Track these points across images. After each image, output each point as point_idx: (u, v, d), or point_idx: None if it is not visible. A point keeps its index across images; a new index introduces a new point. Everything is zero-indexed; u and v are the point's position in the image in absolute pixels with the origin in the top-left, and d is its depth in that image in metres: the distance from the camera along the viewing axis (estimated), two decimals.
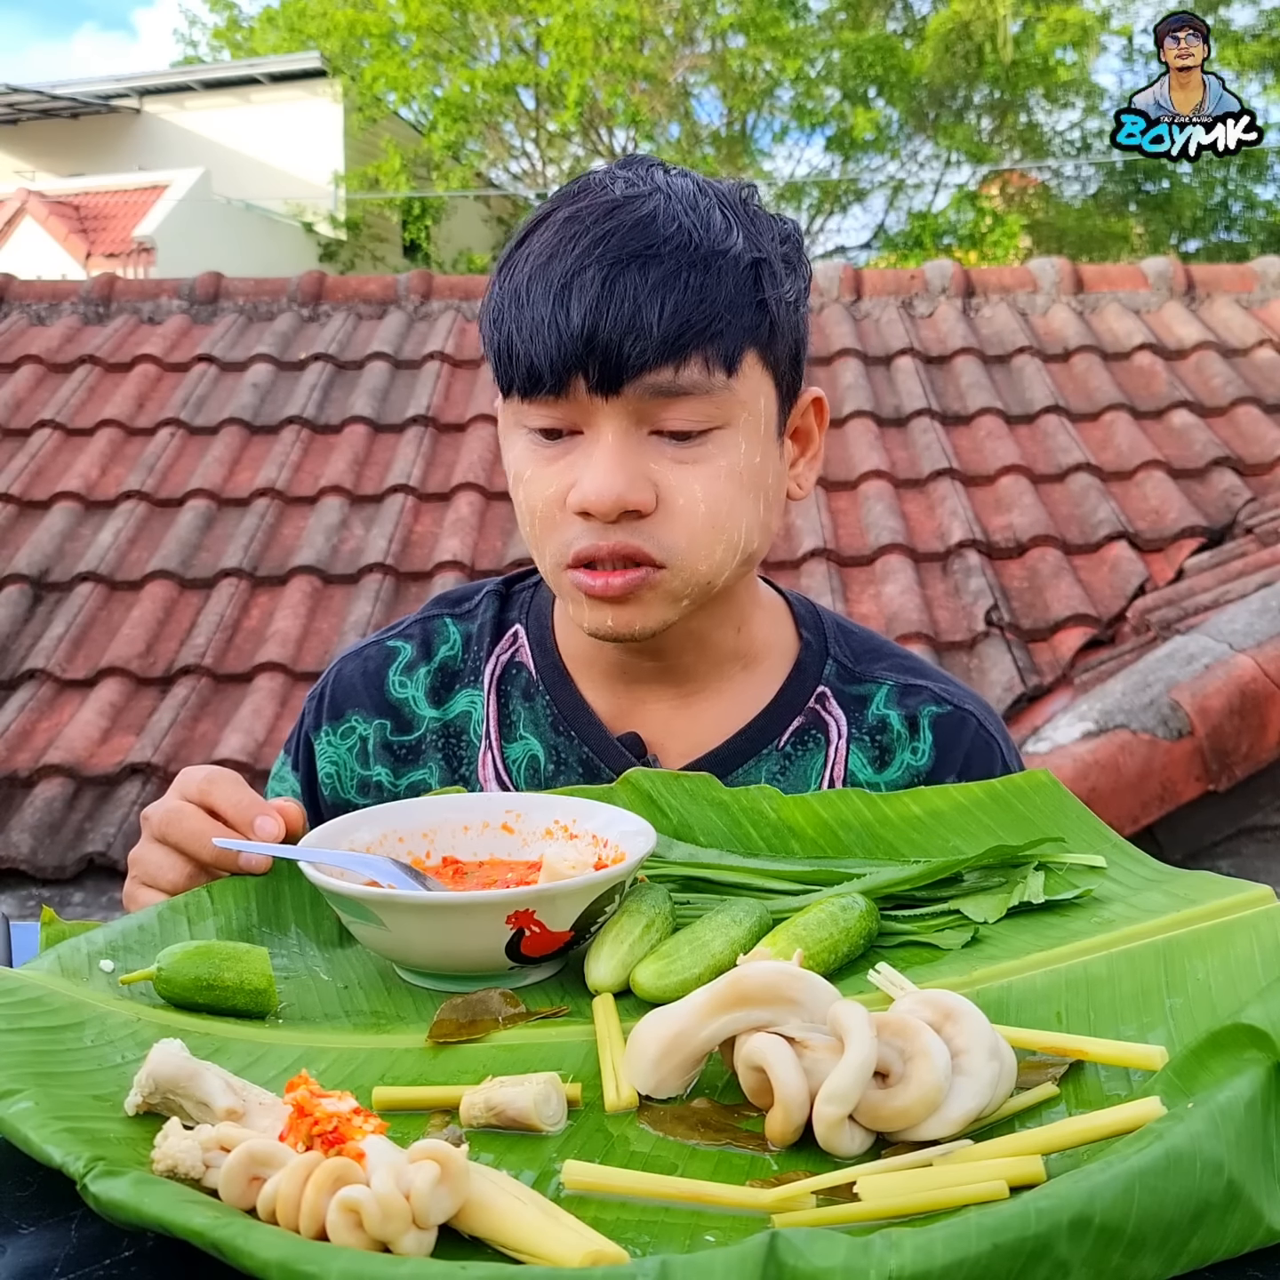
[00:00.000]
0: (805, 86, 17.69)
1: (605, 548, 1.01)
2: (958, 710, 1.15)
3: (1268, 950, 0.74)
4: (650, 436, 1.01)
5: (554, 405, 1.01)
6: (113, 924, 0.82)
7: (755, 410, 1.04)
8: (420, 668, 1.18)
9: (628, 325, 0.97)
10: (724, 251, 1.00)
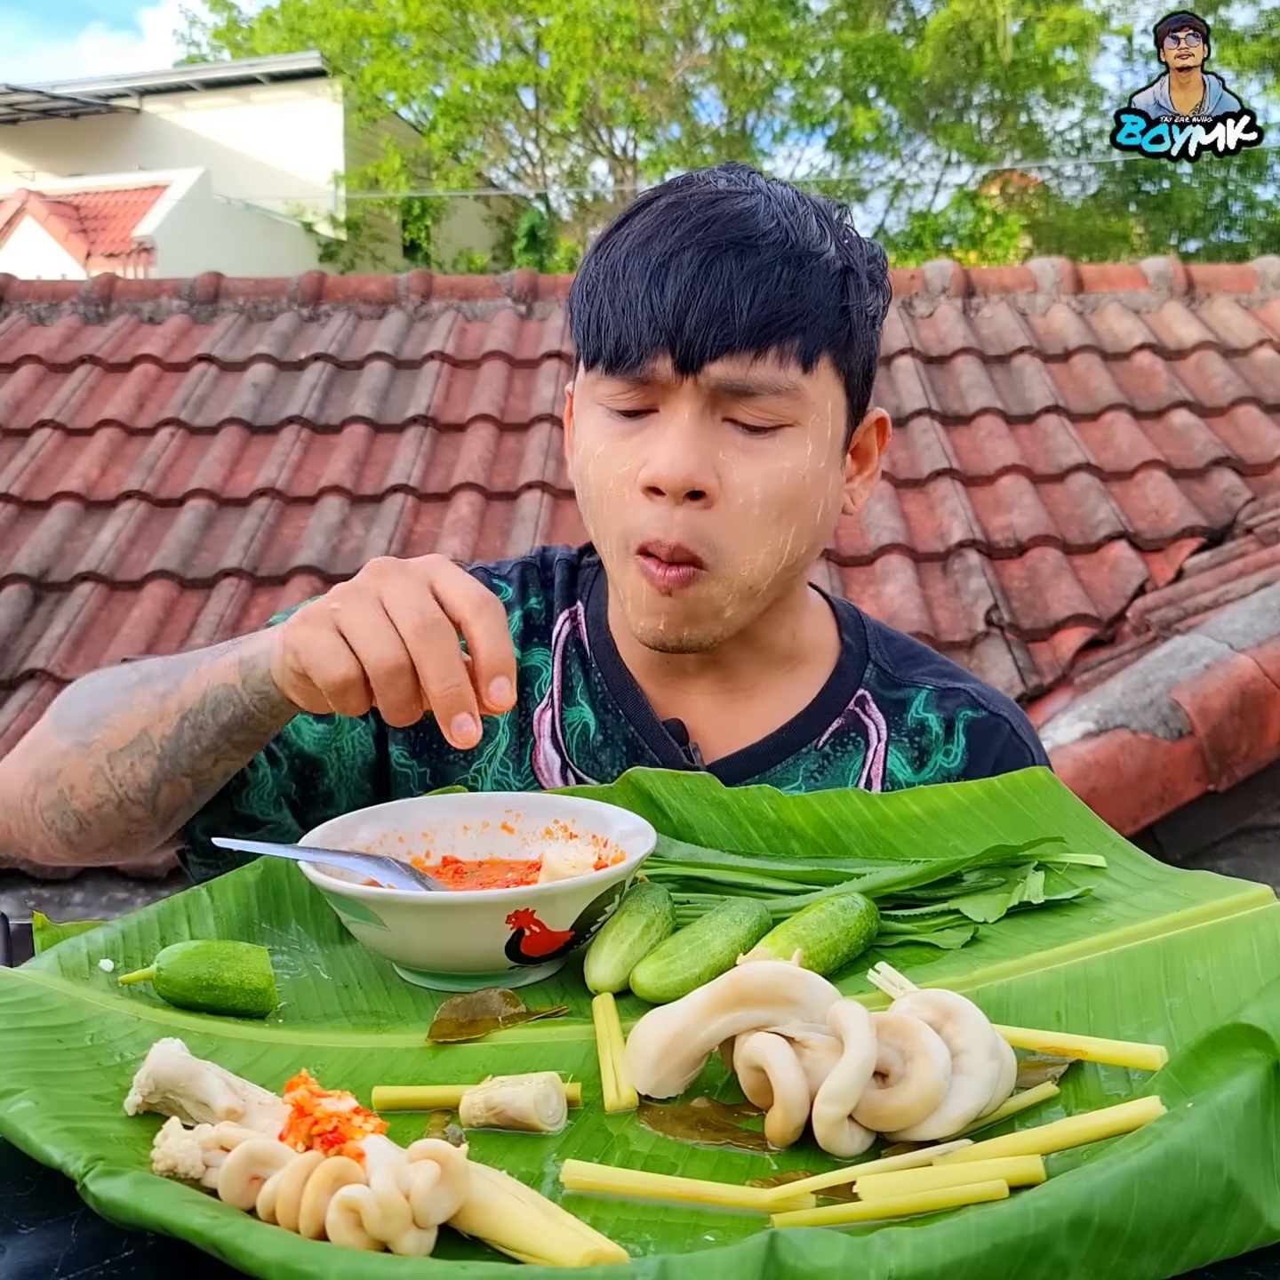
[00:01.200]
0: (805, 86, 17.69)
1: (667, 545, 1.02)
2: (992, 716, 1.16)
3: (1267, 950, 0.74)
4: (723, 423, 1.03)
5: (635, 381, 1.03)
6: (113, 924, 0.82)
7: (824, 414, 1.05)
8: (515, 610, 1.19)
9: (719, 308, 0.99)
10: (817, 254, 1.03)
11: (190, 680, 0.98)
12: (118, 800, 1.01)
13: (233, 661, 0.95)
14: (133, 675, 1.03)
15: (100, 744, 1.00)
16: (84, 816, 1.03)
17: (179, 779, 0.99)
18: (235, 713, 0.95)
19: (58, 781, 1.03)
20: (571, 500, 4.56)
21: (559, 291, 5.64)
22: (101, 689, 1.05)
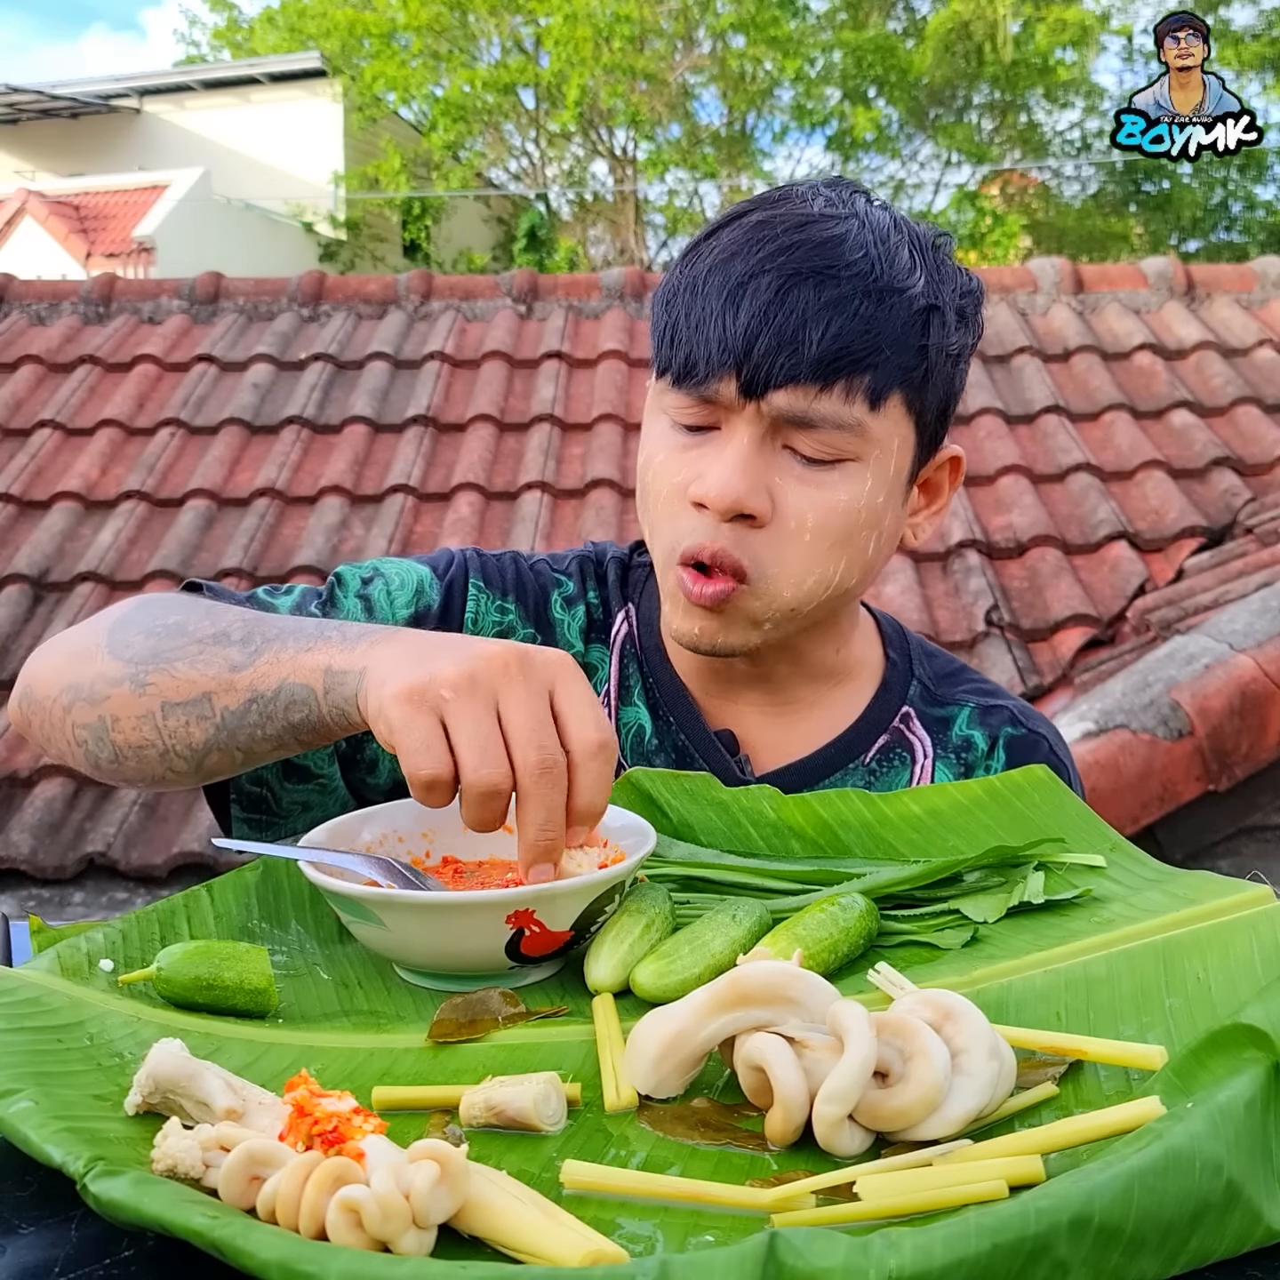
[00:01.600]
0: (805, 86, 17.70)
1: (709, 549, 1.02)
2: (1032, 734, 1.17)
3: (1267, 950, 0.74)
4: (783, 450, 1.03)
5: (700, 398, 1.03)
6: (113, 924, 0.82)
7: (889, 450, 1.04)
8: (579, 604, 1.18)
9: (789, 337, 0.98)
10: (901, 290, 1.01)
11: (269, 663, 0.91)
12: (163, 749, 0.97)
13: (320, 665, 0.88)
14: (207, 625, 0.97)
15: (156, 690, 0.95)
16: (122, 751, 0.98)
17: (232, 751, 0.95)
18: (308, 716, 0.90)
19: (101, 708, 0.98)
20: (570, 500, 4.57)
21: (559, 291, 5.64)
22: (170, 625, 0.99)
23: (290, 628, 0.94)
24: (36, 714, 1.04)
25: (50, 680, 1.03)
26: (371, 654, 0.86)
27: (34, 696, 1.04)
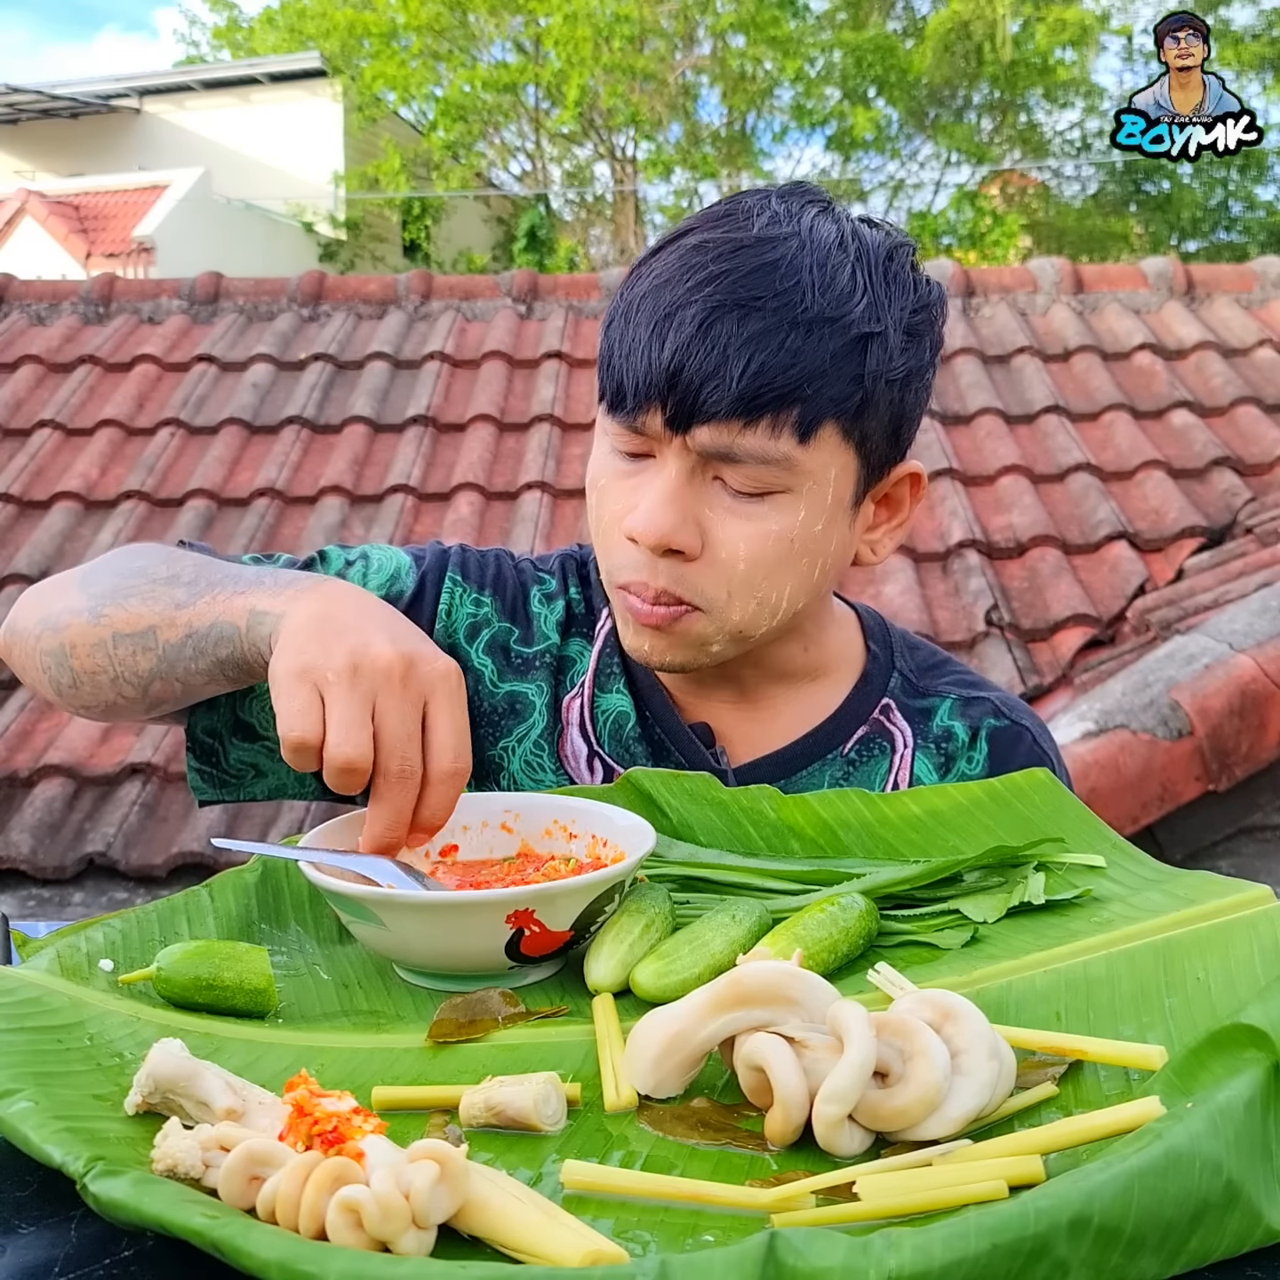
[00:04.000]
0: (805, 86, 17.70)
1: (651, 591, 1.03)
2: (1015, 725, 1.16)
3: (1267, 950, 0.74)
4: (713, 482, 1.02)
5: (633, 427, 1.03)
6: (112, 924, 0.82)
7: (824, 480, 1.02)
8: (559, 600, 1.20)
9: (710, 372, 0.97)
10: (833, 319, 0.98)
11: (207, 603, 0.99)
12: (113, 675, 1.05)
13: (248, 606, 0.96)
14: (164, 569, 1.06)
15: (109, 621, 1.04)
16: (79, 676, 1.07)
17: (172, 681, 1.03)
18: (233, 653, 0.98)
19: (62, 635, 1.07)
20: (571, 500, 4.57)
21: (559, 291, 5.65)
22: (133, 568, 1.07)
23: (233, 573, 1.02)
24: (15, 642, 1.13)
25: (30, 611, 1.12)
26: (292, 603, 0.93)
27: (15, 626, 1.13)
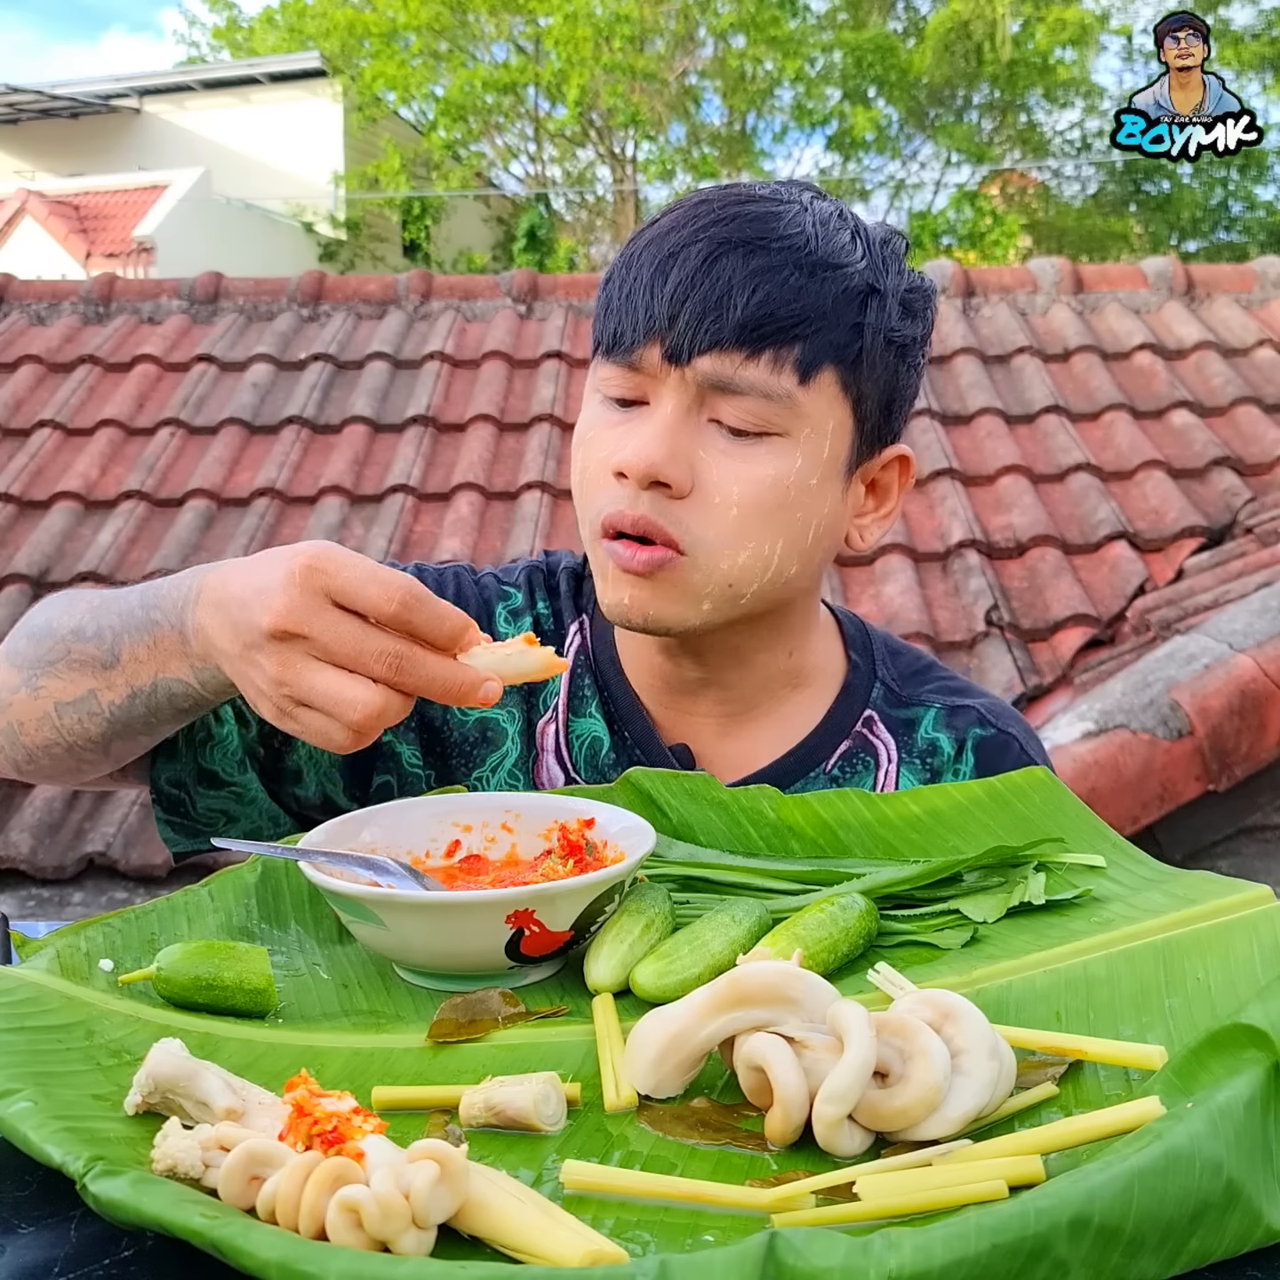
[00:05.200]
0: (805, 86, 17.70)
1: (630, 516, 1.00)
2: (1001, 734, 1.14)
3: (1267, 950, 0.74)
4: (709, 424, 1.01)
5: (628, 369, 1.02)
6: (112, 924, 0.82)
7: (821, 430, 1.01)
8: (525, 616, 1.17)
9: (714, 303, 0.98)
10: (836, 265, 1.00)
11: (130, 660, 0.96)
12: (67, 745, 1.02)
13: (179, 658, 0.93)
14: (66, 620, 1.01)
15: (47, 693, 1.00)
16: (33, 752, 1.04)
17: (133, 736, 1.00)
18: (197, 703, 0.96)
19: (8, 714, 1.03)
20: (571, 500, 4.56)
21: (559, 291, 5.64)
22: (41, 628, 1.03)
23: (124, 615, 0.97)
24: None
25: None
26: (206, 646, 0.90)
27: None
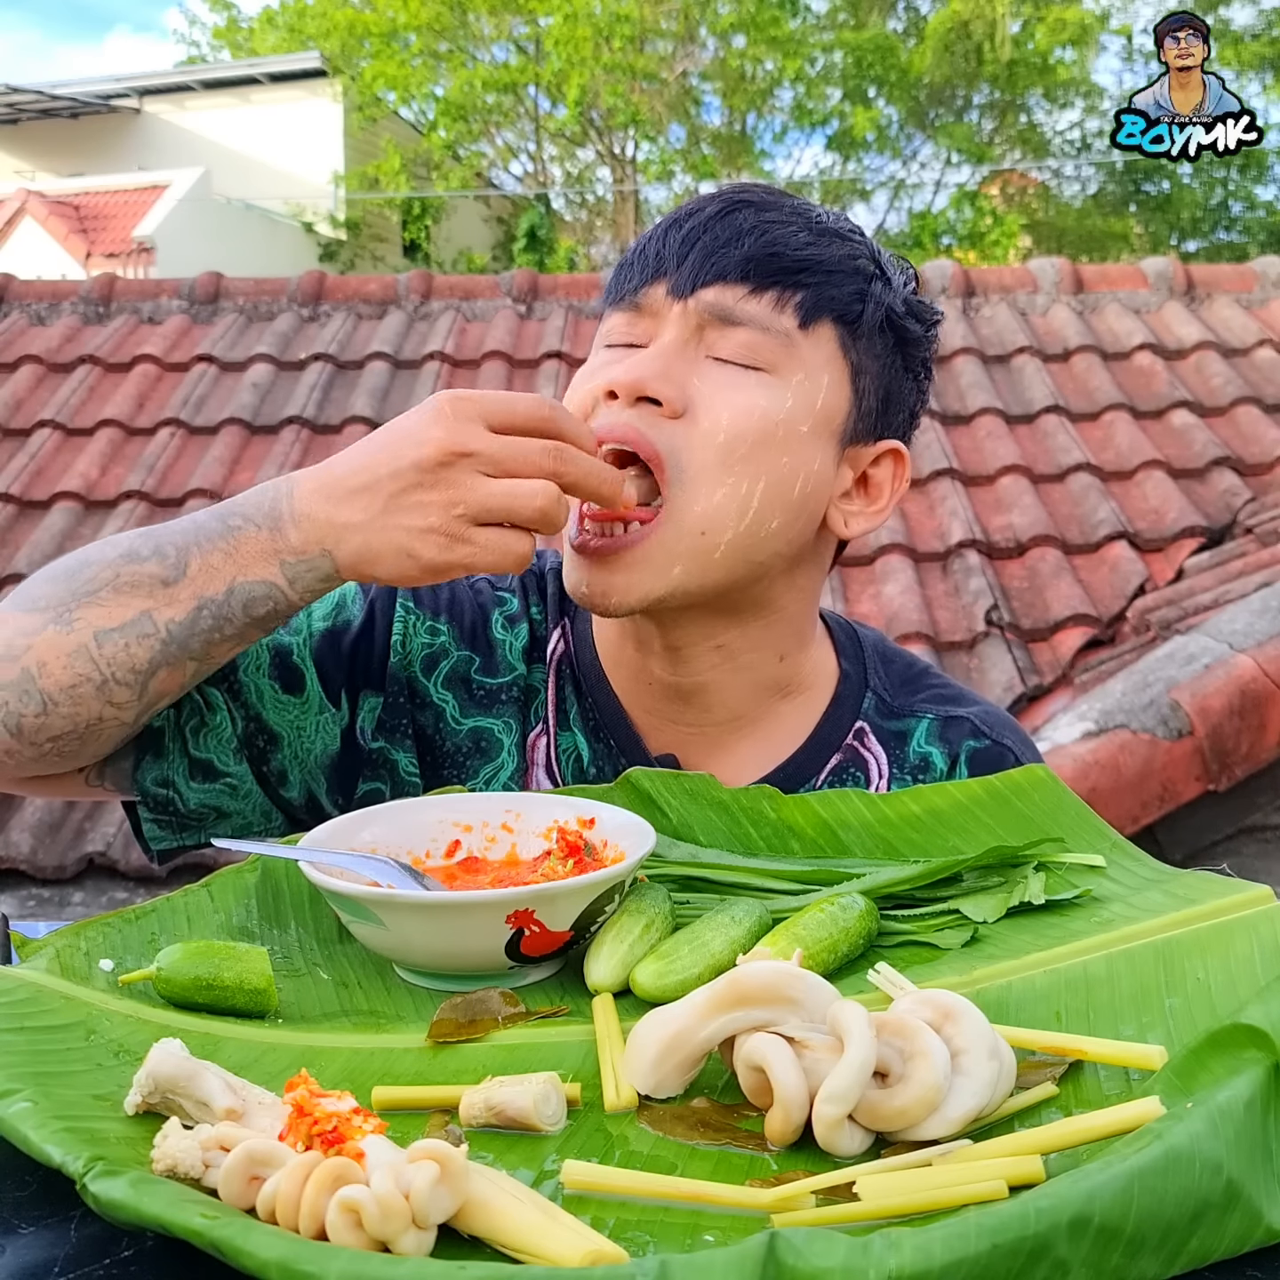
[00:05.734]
0: (805, 86, 17.70)
1: (617, 429, 0.99)
2: (996, 745, 1.12)
3: (1267, 950, 0.74)
4: (706, 360, 1.02)
5: (633, 311, 1.05)
6: (112, 923, 0.82)
7: (816, 381, 1.02)
8: (522, 623, 1.14)
9: (723, 242, 1.01)
10: (844, 236, 1.06)
11: (202, 569, 0.93)
12: (101, 680, 0.94)
13: (267, 557, 0.92)
14: (109, 550, 0.96)
15: (86, 622, 0.94)
16: (53, 696, 0.95)
17: (184, 662, 0.95)
18: (276, 608, 0.94)
19: (23, 659, 0.95)
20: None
21: (559, 291, 5.64)
22: (71, 567, 0.97)
23: (191, 530, 0.96)
24: None
25: None
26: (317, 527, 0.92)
27: None
